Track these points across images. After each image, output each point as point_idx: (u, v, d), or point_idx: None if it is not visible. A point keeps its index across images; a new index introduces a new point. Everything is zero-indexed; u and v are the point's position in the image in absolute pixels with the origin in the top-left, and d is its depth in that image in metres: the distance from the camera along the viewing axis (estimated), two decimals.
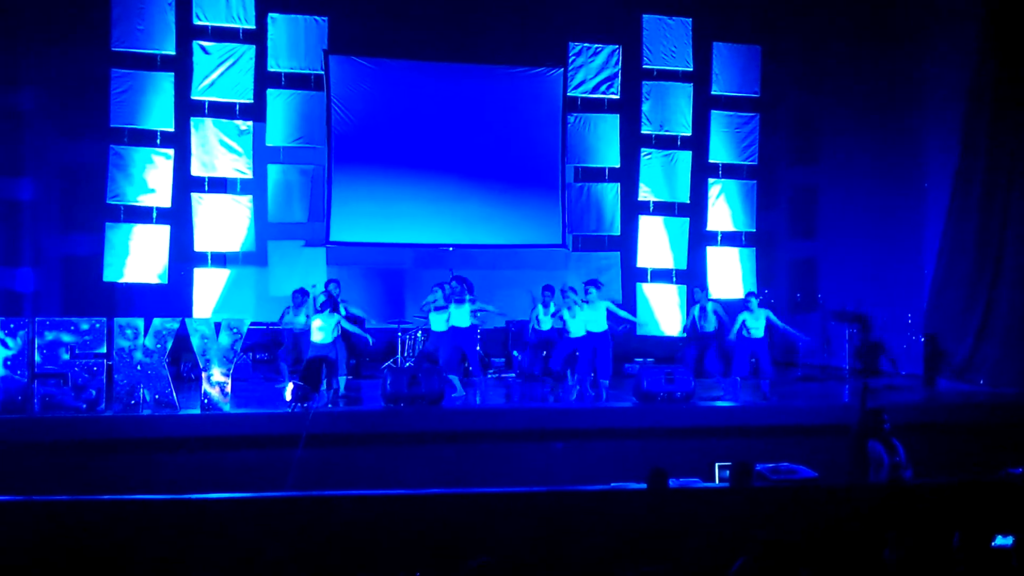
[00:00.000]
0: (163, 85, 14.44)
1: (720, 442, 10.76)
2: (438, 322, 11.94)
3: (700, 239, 16.31)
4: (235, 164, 14.79)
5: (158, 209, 14.47)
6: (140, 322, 10.52)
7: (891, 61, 14.82)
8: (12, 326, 10.23)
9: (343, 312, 11.66)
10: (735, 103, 16.32)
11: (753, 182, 16.39)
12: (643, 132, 16.16)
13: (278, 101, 14.97)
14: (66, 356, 10.24)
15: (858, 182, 15.43)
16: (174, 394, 10.46)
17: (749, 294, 12.84)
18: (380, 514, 6.96)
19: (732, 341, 12.37)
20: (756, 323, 12.13)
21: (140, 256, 14.28)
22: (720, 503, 7.58)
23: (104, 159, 14.26)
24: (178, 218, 14.59)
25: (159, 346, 10.45)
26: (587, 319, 11.71)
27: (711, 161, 16.31)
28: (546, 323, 12.58)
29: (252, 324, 12.41)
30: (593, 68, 16.05)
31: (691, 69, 16.18)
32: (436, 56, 15.62)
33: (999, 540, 6.13)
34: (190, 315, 13.40)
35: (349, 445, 10.45)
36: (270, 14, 14.88)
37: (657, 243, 16.15)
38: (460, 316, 11.80)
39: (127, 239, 14.27)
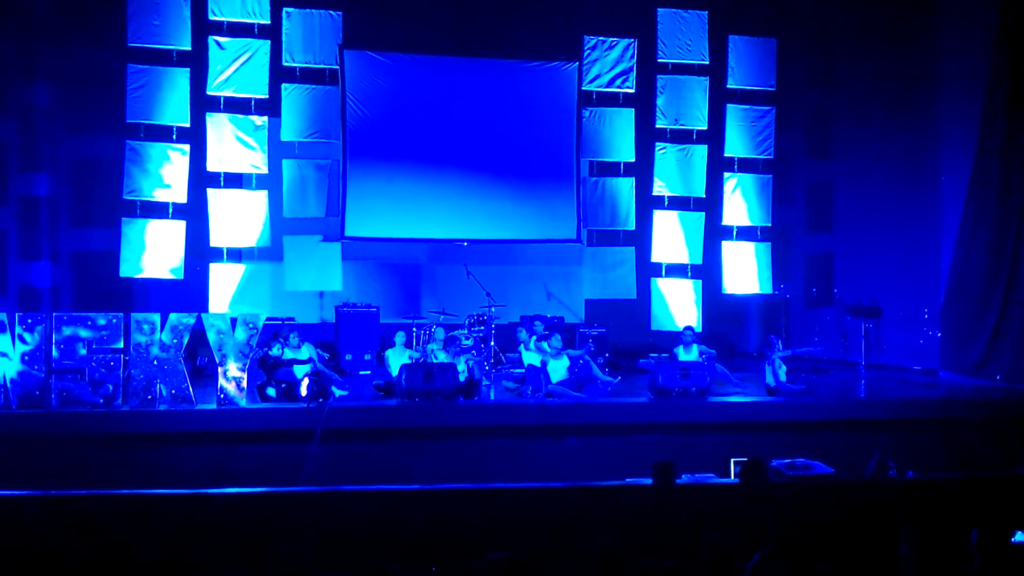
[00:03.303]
0: (179, 80, 14.46)
1: (735, 437, 10.74)
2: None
3: (716, 234, 16.23)
4: (250, 159, 14.81)
5: (174, 204, 14.50)
6: (157, 317, 10.57)
7: (907, 54, 14.72)
8: (30, 321, 10.29)
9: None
10: (751, 97, 16.23)
11: (769, 176, 16.31)
12: (658, 126, 16.09)
13: (293, 96, 14.97)
14: (83, 351, 10.30)
15: (875, 176, 15.35)
16: (190, 389, 10.50)
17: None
18: (394, 509, 6.98)
19: None
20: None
21: (156, 251, 14.31)
22: (736, 499, 7.56)
23: (120, 154, 14.30)
24: (194, 213, 14.62)
25: (175, 341, 10.50)
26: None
27: (726, 155, 16.22)
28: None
29: (268, 319, 12.45)
30: (608, 62, 15.99)
31: (706, 62, 16.09)
32: (450, 50, 15.60)
33: (1019, 536, 6.10)
34: (206, 310, 13.45)
35: (364, 440, 10.48)
36: (285, 9, 14.87)
37: (672, 238, 16.08)
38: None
39: (143, 234, 14.31)
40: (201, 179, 14.69)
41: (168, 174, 14.45)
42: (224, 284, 14.54)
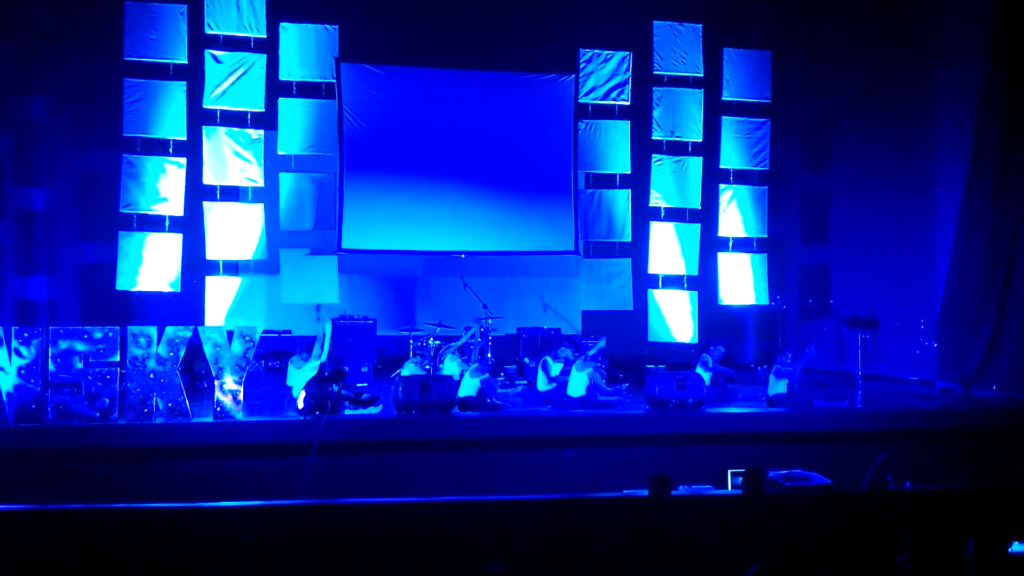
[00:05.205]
0: (175, 94, 14.50)
1: (732, 448, 10.73)
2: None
3: (711, 245, 16.29)
4: (247, 173, 14.83)
5: (170, 218, 14.53)
6: (153, 330, 10.54)
7: (901, 66, 14.79)
8: (26, 335, 10.25)
9: None
10: (746, 109, 16.30)
11: (764, 187, 16.37)
12: (654, 138, 16.15)
13: (289, 109, 15.01)
14: (79, 365, 10.27)
15: (870, 187, 15.40)
16: (187, 402, 10.48)
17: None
18: (392, 522, 6.95)
19: None
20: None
21: (153, 264, 14.33)
22: (733, 510, 7.55)
23: (117, 168, 14.33)
24: (190, 227, 14.64)
25: (172, 354, 10.47)
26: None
27: (722, 167, 16.29)
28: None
29: (264, 332, 12.44)
30: (604, 74, 16.06)
31: (701, 75, 16.18)
32: (447, 63, 15.66)
33: (1016, 547, 6.10)
34: (202, 323, 13.44)
35: (361, 453, 10.45)
36: (281, 23, 14.94)
37: (668, 249, 16.13)
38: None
39: (140, 248, 14.33)
40: (197, 192, 14.72)
41: (165, 187, 14.48)
42: (220, 297, 14.55)
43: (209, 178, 14.71)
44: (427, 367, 12.58)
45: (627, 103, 16.14)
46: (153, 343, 10.44)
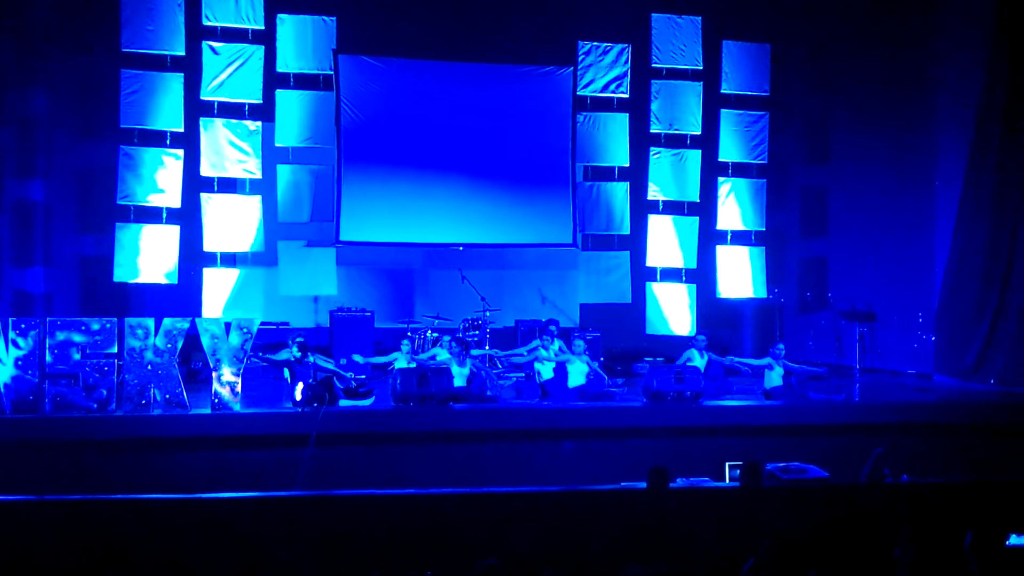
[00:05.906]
0: (172, 86, 14.46)
1: (730, 441, 10.75)
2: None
3: (710, 238, 16.27)
4: (244, 164, 14.80)
5: (168, 209, 14.50)
6: (151, 322, 10.55)
7: (902, 59, 14.78)
8: (23, 326, 10.26)
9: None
10: (745, 102, 16.26)
11: (763, 181, 16.35)
12: (652, 131, 16.11)
13: (287, 101, 14.97)
14: (77, 356, 10.27)
15: (869, 181, 15.39)
16: (184, 394, 10.48)
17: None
18: (389, 514, 6.96)
19: None
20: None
21: (150, 256, 14.30)
22: (730, 503, 7.56)
23: (114, 160, 14.29)
24: (188, 218, 14.62)
25: (169, 346, 10.47)
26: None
27: (721, 160, 16.26)
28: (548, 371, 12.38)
29: (262, 324, 12.42)
30: (602, 67, 16.01)
31: (700, 68, 16.13)
32: (445, 55, 15.61)
33: (1014, 539, 6.11)
34: (200, 315, 13.43)
35: (359, 445, 10.46)
36: (278, 15, 14.89)
37: (667, 242, 16.11)
38: None
39: (137, 239, 14.30)
40: (195, 184, 14.69)
41: (162, 179, 14.45)
42: (218, 289, 14.54)
43: (206, 170, 14.67)
44: (415, 353, 12.59)
45: (626, 96, 16.10)
46: (151, 335, 10.45)
